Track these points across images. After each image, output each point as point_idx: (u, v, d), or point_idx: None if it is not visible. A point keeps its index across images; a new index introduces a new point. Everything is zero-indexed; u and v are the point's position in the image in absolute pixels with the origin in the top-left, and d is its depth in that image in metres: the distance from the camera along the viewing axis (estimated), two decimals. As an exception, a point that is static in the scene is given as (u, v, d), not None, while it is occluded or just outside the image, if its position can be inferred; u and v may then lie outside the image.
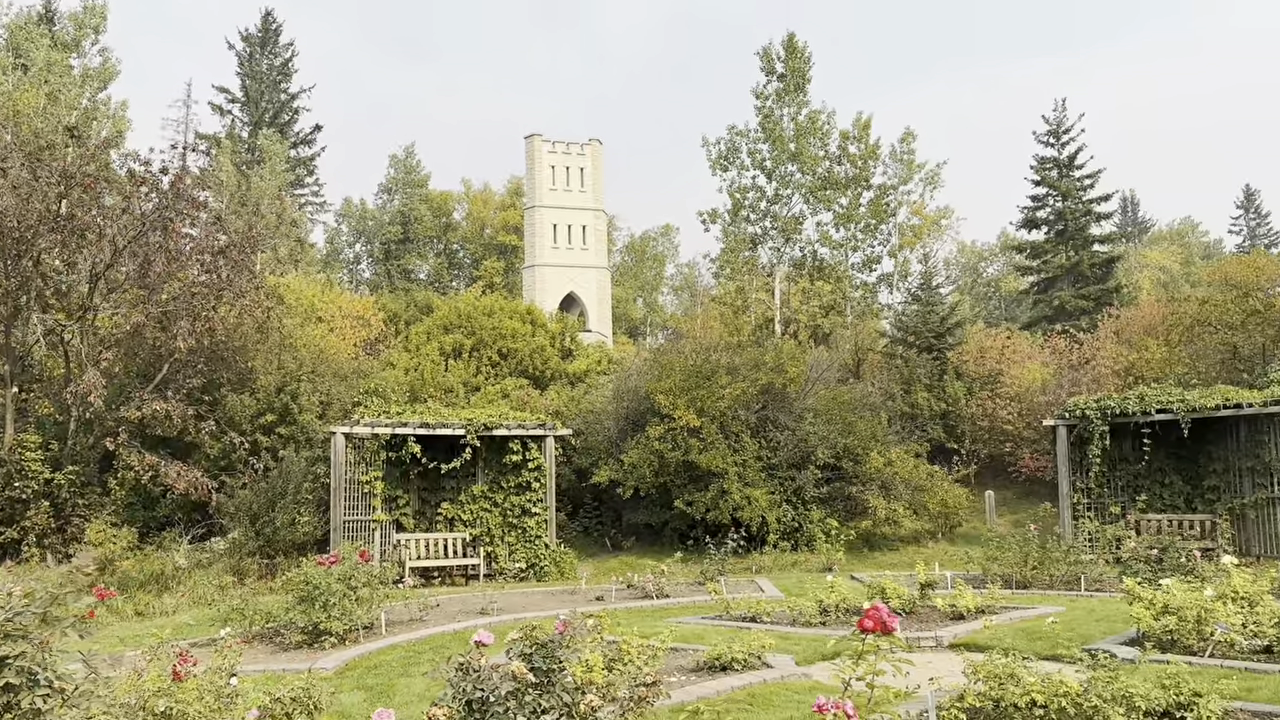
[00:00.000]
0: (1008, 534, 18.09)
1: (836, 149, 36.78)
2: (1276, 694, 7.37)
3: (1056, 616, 11.83)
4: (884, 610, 4.54)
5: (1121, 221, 63.23)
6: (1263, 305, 22.37)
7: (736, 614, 12.63)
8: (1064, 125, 38.68)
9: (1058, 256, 37.76)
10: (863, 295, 39.44)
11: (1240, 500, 18.74)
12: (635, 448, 21.30)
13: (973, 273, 65.03)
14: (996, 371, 28.13)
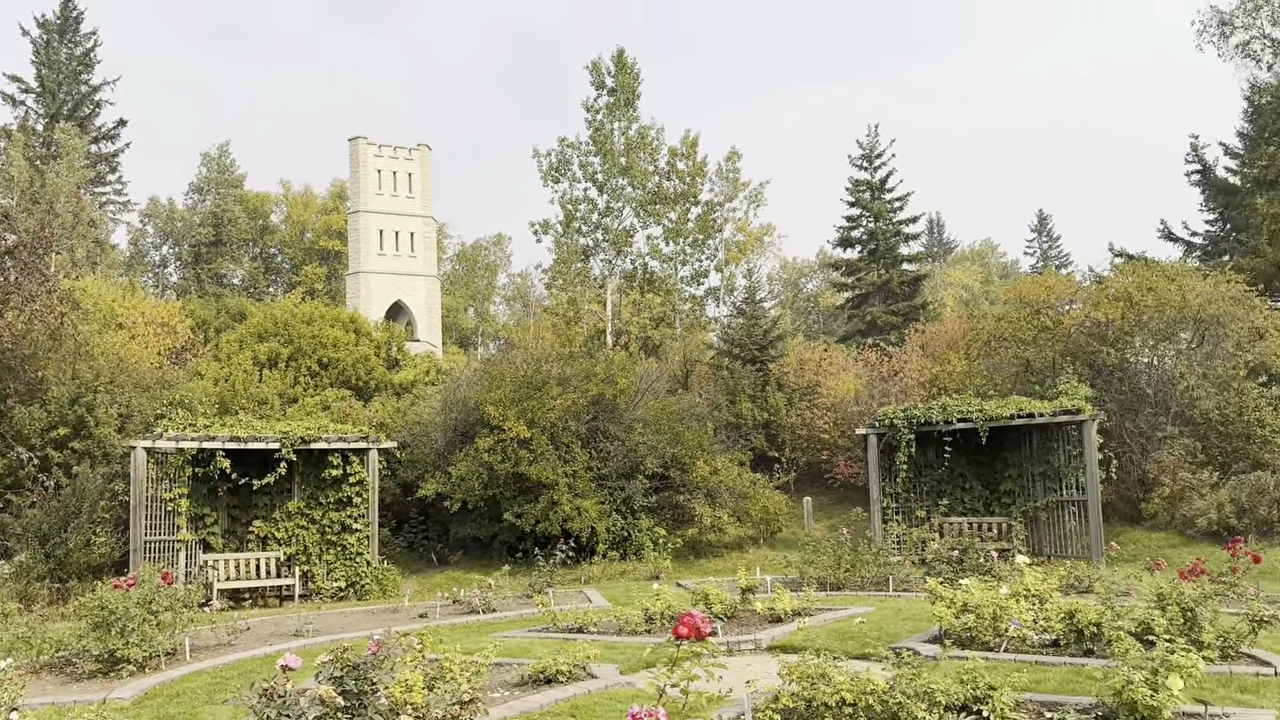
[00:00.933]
0: (824, 538, 18.82)
1: (666, 165, 37.53)
2: (1062, 684, 7.94)
3: (866, 617, 12.38)
4: (698, 617, 4.60)
5: (928, 242, 67.24)
6: (1052, 322, 24.21)
7: (564, 625, 12.58)
8: (876, 150, 40.85)
9: (870, 274, 39.77)
10: (691, 308, 40.32)
11: (1033, 503, 20.21)
12: (464, 460, 20.94)
13: (794, 288, 67.73)
14: (815, 383, 29.30)
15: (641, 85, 37.32)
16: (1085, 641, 9.01)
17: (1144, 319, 22.54)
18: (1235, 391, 21.78)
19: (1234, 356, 22.13)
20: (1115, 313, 22.33)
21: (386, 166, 60.63)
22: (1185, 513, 19.87)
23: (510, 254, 72.97)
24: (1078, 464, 19.05)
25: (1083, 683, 7.81)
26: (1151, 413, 22.49)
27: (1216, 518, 19.22)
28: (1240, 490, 19.49)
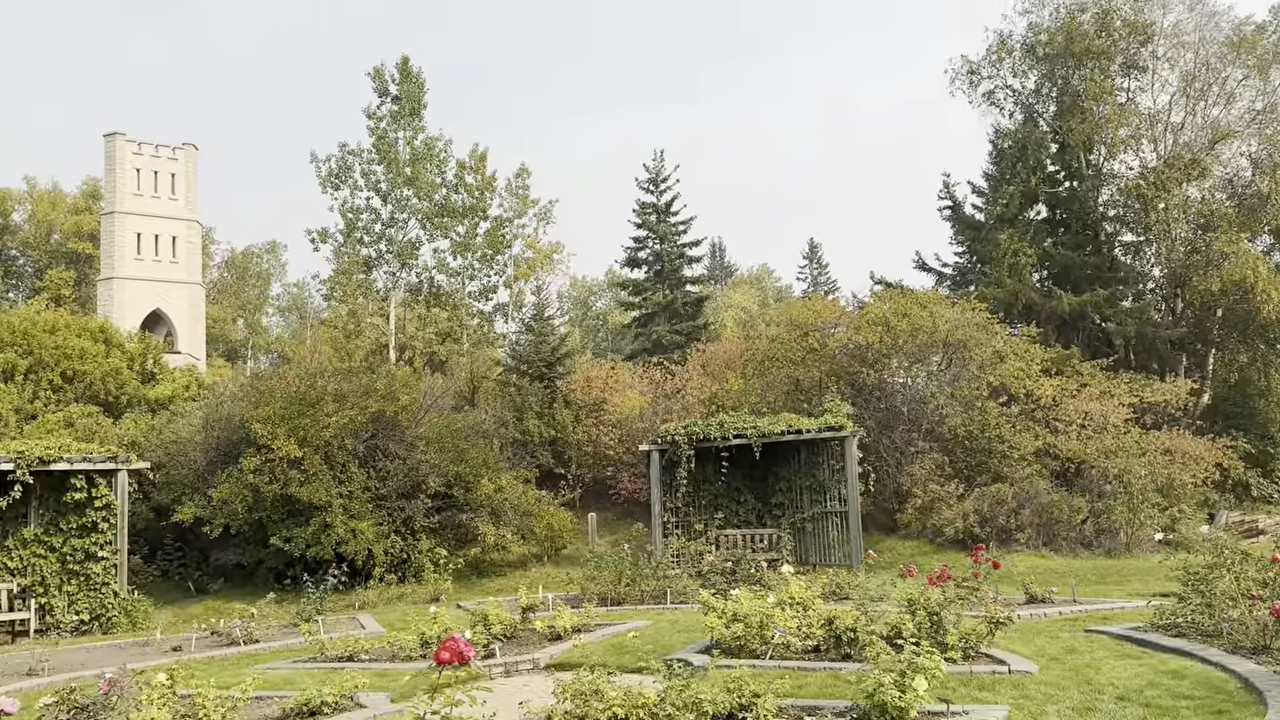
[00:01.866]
0: (607, 554, 18.98)
1: (454, 177, 36.88)
2: (821, 689, 8.31)
3: (643, 630, 12.54)
4: (460, 641, 4.46)
5: (711, 265, 69.76)
6: (819, 344, 25.61)
7: (333, 654, 11.99)
8: (662, 174, 41.96)
9: (656, 294, 40.73)
10: (480, 324, 39.79)
11: (801, 515, 21.24)
12: (227, 481, 19.64)
13: (584, 306, 68.39)
14: (602, 400, 29.60)
15: (427, 95, 36.58)
16: (843, 646, 9.49)
17: (900, 343, 24.24)
18: (979, 410, 23.79)
19: (978, 378, 24.18)
20: (875, 336, 23.88)
21: (147, 165, 56.33)
22: (935, 522, 21.48)
23: (286, 262, 69.46)
24: (840, 477, 20.18)
25: (840, 686, 8.20)
26: (906, 429, 24.20)
27: (962, 526, 20.89)
28: (983, 501, 21.29)
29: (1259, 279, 26.52)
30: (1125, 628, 10.81)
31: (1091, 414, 23.77)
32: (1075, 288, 30.97)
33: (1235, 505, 25.54)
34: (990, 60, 33.78)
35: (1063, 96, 32.19)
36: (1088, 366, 26.89)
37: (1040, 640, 10.42)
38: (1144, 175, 30.14)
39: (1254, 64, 29.77)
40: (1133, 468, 21.74)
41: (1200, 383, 29.24)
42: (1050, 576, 15.92)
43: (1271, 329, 28.13)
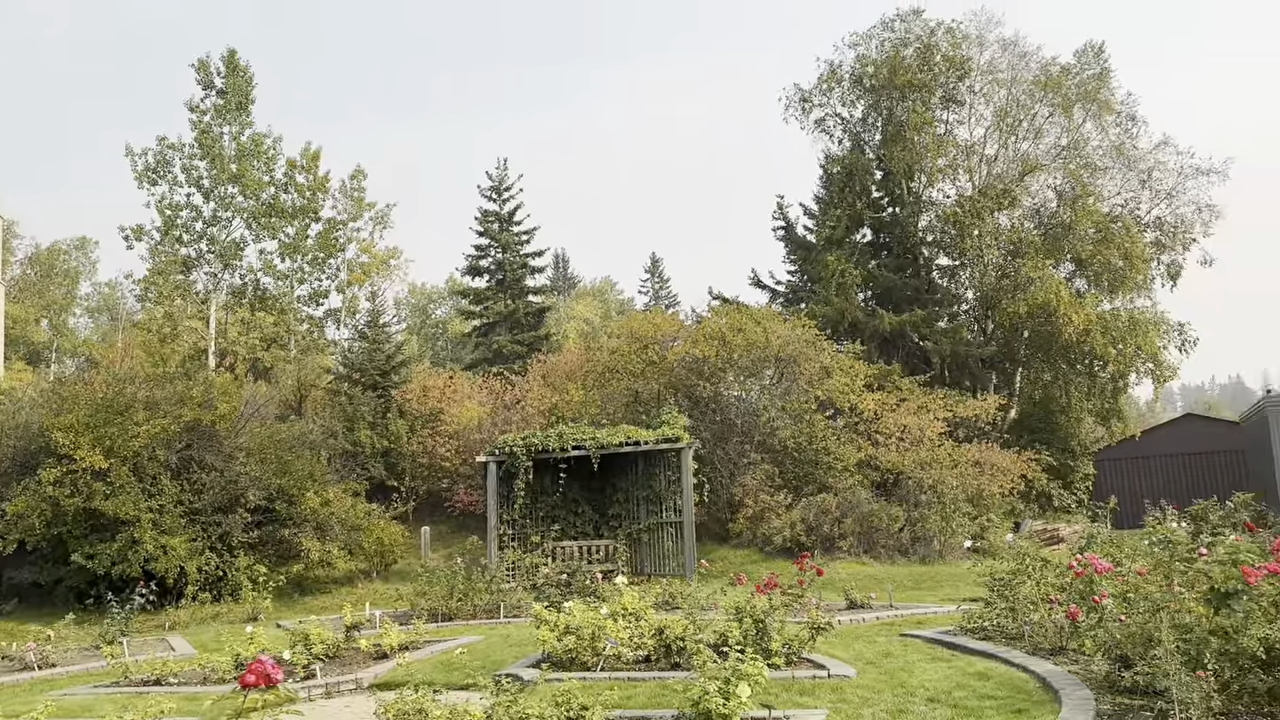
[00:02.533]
0: (439, 568, 18.55)
1: (284, 176, 35.39)
2: (650, 699, 8.35)
3: (475, 645, 12.31)
4: (267, 662, 4.23)
5: (554, 276, 69.63)
6: (658, 357, 25.96)
7: (138, 677, 11.23)
8: (505, 183, 41.65)
9: (498, 304, 40.34)
10: (309, 329, 38.32)
11: (637, 526, 21.41)
12: (22, 494, 18.12)
13: (423, 314, 66.92)
14: (438, 410, 29.01)
15: (255, 90, 34.99)
16: (673, 656, 9.58)
17: (735, 357, 24.86)
18: (807, 423, 24.65)
19: (807, 392, 25.06)
20: (711, 350, 24.41)
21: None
22: (764, 531, 22.09)
23: (97, 260, 64.66)
24: (677, 488, 20.48)
25: (668, 696, 8.27)
26: (739, 441, 24.82)
27: (790, 535, 21.56)
28: (809, 510, 22.05)
29: (1061, 303, 28.62)
30: (937, 631, 11.38)
31: (909, 427, 25.01)
32: (896, 308, 32.59)
33: (1038, 515, 27.42)
34: (821, 89, 35.21)
35: (887, 126, 33.87)
36: (907, 382, 28.31)
37: (859, 645, 10.83)
38: (960, 203, 32.06)
39: (1059, 103, 32.19)
40: (946, 479, 23.00)
41: (1008, 399, 31.27)
42: (870, 583, 16.62)
43: (1072, 350, 30.39)
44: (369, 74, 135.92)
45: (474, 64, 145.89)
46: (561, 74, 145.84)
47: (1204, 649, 6.62)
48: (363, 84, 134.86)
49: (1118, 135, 32.48)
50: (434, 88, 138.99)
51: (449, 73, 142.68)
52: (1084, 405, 31.64)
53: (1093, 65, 32.71)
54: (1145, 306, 31.14)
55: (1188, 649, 6.70)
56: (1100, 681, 7.78)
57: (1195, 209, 31.58)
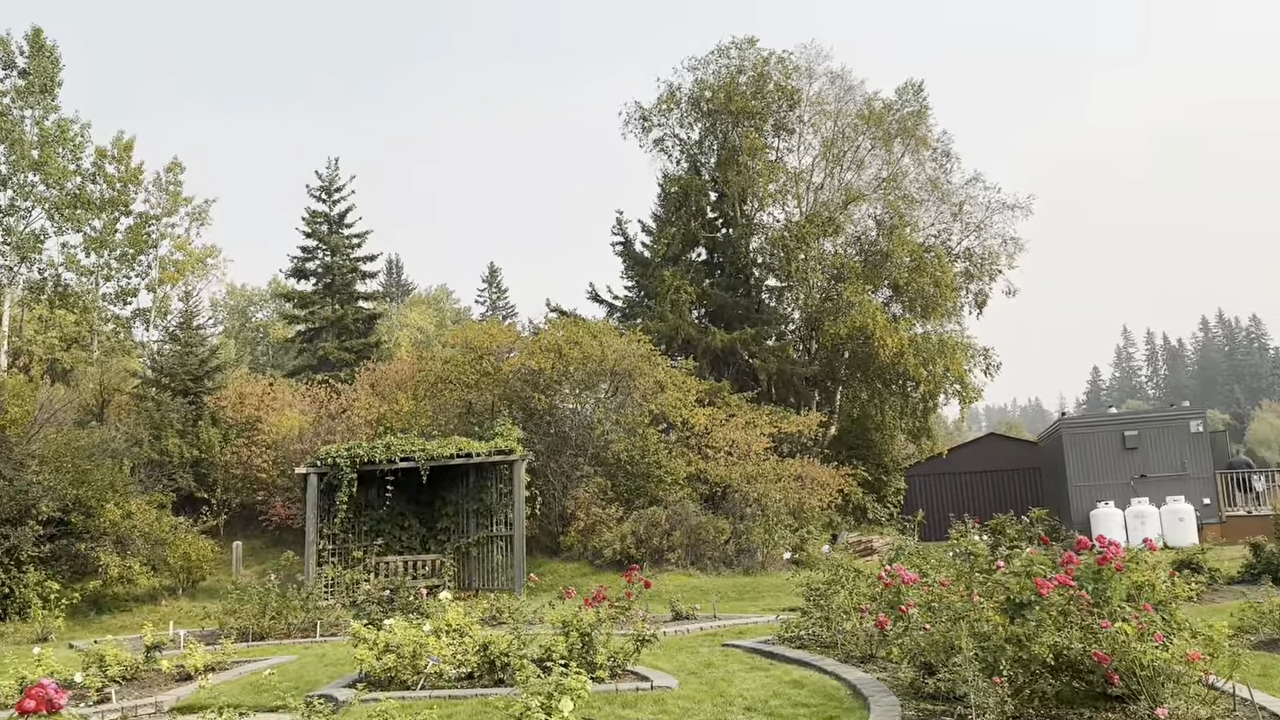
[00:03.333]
0: (252, 585, 17.64)
1: (92, 166, 33.03)
2: (470, 717, 8.18)
3: (289, 665, 11.76)
4: (50, 686, 3.90)
5: (387, 282, 67.80)
6: (493, 368, 25.68)
7: (-103, 710, 10.11)
8: (336, 184, 40.31)
9: (325, 309, 38.92)
10: (115, 330, 35.86)
11: (466, 540, 21.06)
12: None
13: (242, 316, 63.72)
14: (256, 418, 27.68)
15: (62, 72, 32.57)
16: (497, 672, 9.44)
17: (571, 370, 24.90)
18: (640, 436, 24.93)
19: (641, 406, 25.35)
20: (547, 363, 24.35)
21: None
22: (595, 544, 22.16)
23: None
24: (508, 501, 20.28)
25: (490, 713, 8.13)
26: (573, 454, 24.84)
27: (620, 548, 21.71)
28: (639, 523, 22.27)
29: (878, 327, 30.11)
30: (757, 641, 11.69)
31: (737, 442, 25.69)
32: (728, 326, 33.48)
33: (854, 527, 28.69)
34: (660, 110, 35.86)
35: (722, 149, 34.83)
36: (736, 398, 29.09)
37: (682, 656, 10.99)
38: (789, 228, 33.29)
39: (881, 136, 33.95)
40: (770, 492, 23.74)
41: (829, 416, 32.62)
42: (696, 594, 16.92)
43: (887, 371, 32.00)
44: (196, 65, 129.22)
45: (314, 63, 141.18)
46: (405, 79, 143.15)
47: (1000, 656, 7.04)
48: (188, 75, 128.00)
49: (933, 170, 34.54)
50: (265, 83, 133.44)
51: (284, 69, 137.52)
52: (897, 423, 33.35)
53: (912, 103, 34.68)
54: (954, 331, 33.17)
55: (985, 656, 7.12)
56: (906, 688, 8.16)
57: (1001, 241, 33.93)
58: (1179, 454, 25.63)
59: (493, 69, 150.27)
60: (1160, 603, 7.49)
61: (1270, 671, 8.25)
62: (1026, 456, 33.10)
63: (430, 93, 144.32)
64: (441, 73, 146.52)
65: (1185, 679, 6.68)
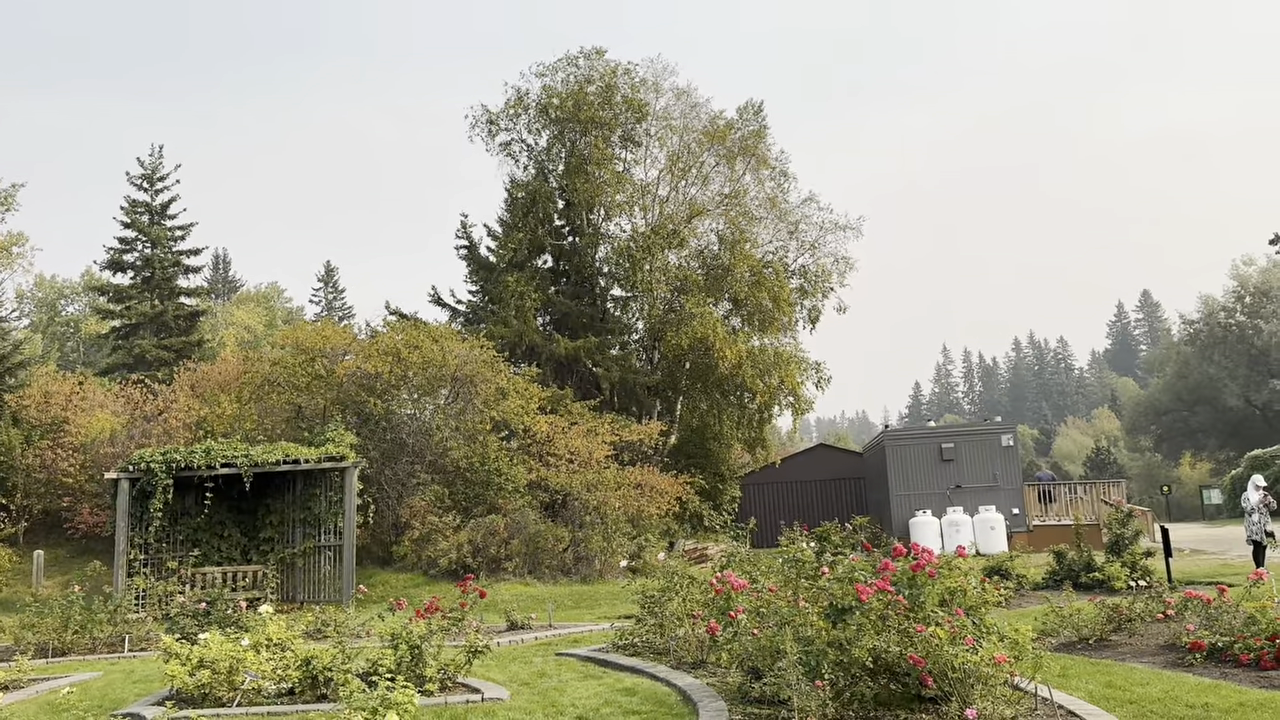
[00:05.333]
0: (55, 597, 16.37)
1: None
2: (291, 732, 7.83)
3: (89, 683, 10.96)
4: None
5: (213, 278, 64.58)
6: (326, 371, 24.73)
7: None
8: (159, 172, 38.07)
9: (143, 303, 36.64)
10: (-99, 320, 32.63)
11: (291, 550, 20.20)
12: None
13: (50, 309, 59.23)
14: (63, 419, 25.76)
15: None
16: (320, 687, 9.07)
17: (410, 374, 24.31)
18: (481, 444, 24.60)
19: (482, 412, 25.02)
20: (385, 366, 23.68)
21: None
22: (430, 554, 21.69)
23: None
24: (338, 509, 19.59)
25: (311, 730, 7.81)
26: (409, 461, 24.25)
27: (456, 557, 21.32)
28: (477, 532, 21.95)
29: (717, 339, 30.83)
30: (591, 649, 11.70)
31: (579, 450, 25.73)
32: (573, 334, 33.52)
33: (691, 534, 29.21)
34: (508, 114, 35.62)
35: (570, 158, 34.90)
36: (579, 406, 29.15)
37: (515, 666, 10.88)
38: (634, 239, 33.67)
39: (724, 154, 34.84)
40: (610, 500, 23.86)
41: (670, 425, 33.13)
42: (533, 603, 16.80)
43: (726, 382, 32.78)
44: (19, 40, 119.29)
45: (139, 48, 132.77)
46: (242, 69, 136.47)
47: (822, 660, 7.29)
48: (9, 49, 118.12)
49: (772, 189, 35.69)
50: (85, 65, 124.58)
51: (105, 52, 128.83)
52: (735, 433, 34.20)
53: (753, 122, 35.74)
54: (789, 345, 34.30)
55: (808, 660, 7.35)
56: (734, 693, 8.34)
57: (834, 260, 35.39)
58: (991, 466, 27.34)
59: (338, 64, 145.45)
60: (971, 607, 7.93)
61: (1069, 672, 8.88)
62: (853, 466, 34.58)
63: (271, 86, 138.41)
64: (285, 64, 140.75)
65: (993, 680, 7.10)
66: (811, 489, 33.56)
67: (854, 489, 33.26)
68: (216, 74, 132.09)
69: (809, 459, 36.25)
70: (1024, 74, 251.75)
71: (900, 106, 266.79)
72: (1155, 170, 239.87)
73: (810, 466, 34.70)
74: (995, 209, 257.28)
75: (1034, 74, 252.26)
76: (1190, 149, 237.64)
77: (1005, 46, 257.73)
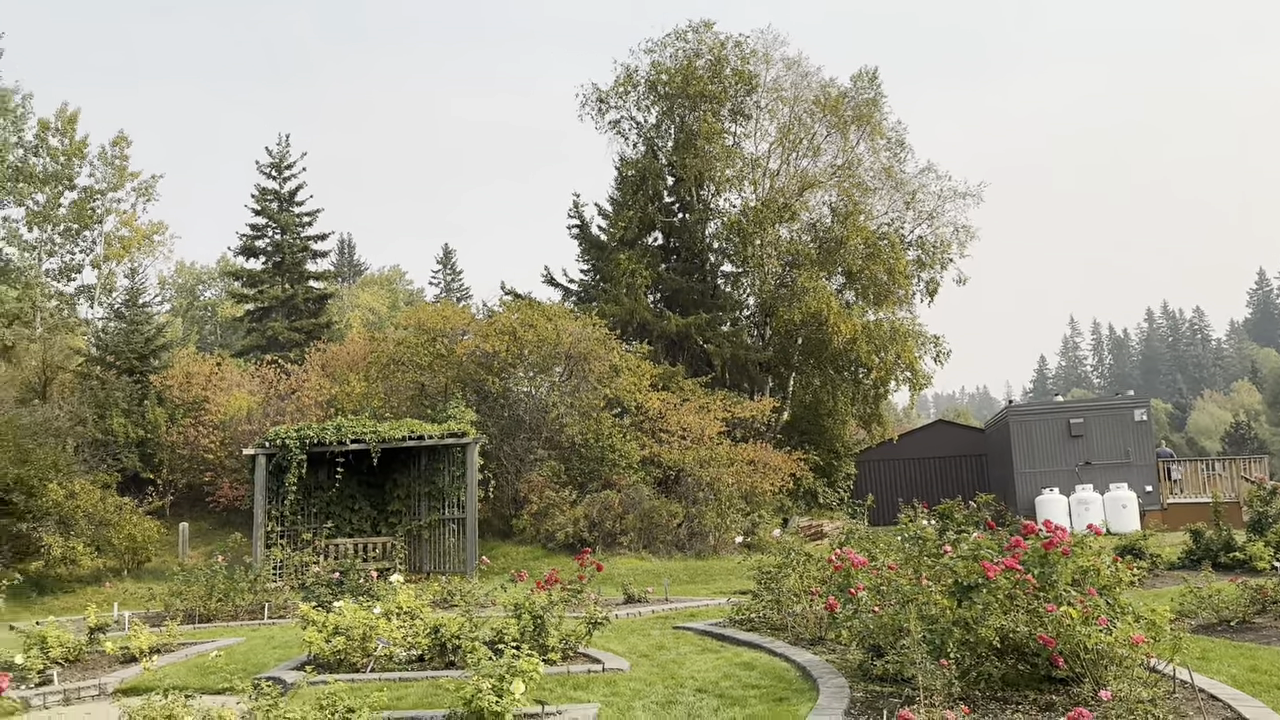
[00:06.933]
0: (198, 567, 17.39)
1: (34, 138, 32.11)
2: (421, 699, 8.15)
3: (235, 647, 11.62)
4: (-14, 673, 3.79)
5: (339, 262, 66.96)
6: (446, 350, 25.45)
7: None
8: (287, 160, 39.60)
9: (274, 288, 38.30)
10: (58, 306, 34.97)
11: (417, 522, 20.92)
12: None
13: (190, 295, 62.54)
14: (203, 398, 27.21)
15: (2, 41, 31.66)
16: (448, 654, 9.40)
17: (526, 353, 24.77)
18: (595, 420, 24.91)
19: (595, 389, 25.32)
20: (502, 345, 24.20)
21: None
22: (548, 527, 22.13)
23: None
24: (460, 484, 20.17)
25: (440, 695, 8.10)
26: (526, 437, 24.75)
27: (573, 531, 21.71)
28: (593, 507, 22.28)
29: (831, 313, 30.34)
30: (708, 623, 11.78)
31: (691, 426, 25.79)
32: (683, 310, 33.53)
33: (805, 511, 28.98)
34: (617, 92, 35.66)
35: (680, 133, 34.76)
36: (690, 383, 29.19)
37: (633, 638, 11.04)
38: (744, 213, 33.36)
39: (836, 124, 34.10)
40: (723, 476, 23.87)
41: (782, 401, 32.85)
42: (648, 577, 16.99)
43: (840, 357, 32.29)
44: (145, 37, 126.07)
45: (266, 39, 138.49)
46: (364, 58, 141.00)
47: (947, 639, 7.16)
48: (136, 47, 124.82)
49: (887, 158, 34.80)
50: (215, 59, 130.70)
51: (240, 44, 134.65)
52: (849, 409, 33.66)
53: (867, 90, 34.88)
54: (906, 319, 33.51)
55: (933, 638, 7.24)
56: (855, 670, 8.28)
57: (953, 230, 34.32)
58: (1122, 442, 26.22)
59: (452, 51, 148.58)
60: (1104, 587, 7.66)
61: (1209, 655, 8.49)
62: (974, 443, 33.64)
63: (387, 74, 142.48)
64: (398, 55, 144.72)
65: (1128, 662, 6.85)
66: (930, 466, 32.81)
67: (975, 466, 32.37)
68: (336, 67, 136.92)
69: (927, 435, 35.40)
70: (1160, 32, 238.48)
71: (1021, 68, 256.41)
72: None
73: (929, 443, 33.89)
74: (1123, 172, 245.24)
75: (1170, 31, 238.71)
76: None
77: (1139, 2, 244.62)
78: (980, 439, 33.84)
